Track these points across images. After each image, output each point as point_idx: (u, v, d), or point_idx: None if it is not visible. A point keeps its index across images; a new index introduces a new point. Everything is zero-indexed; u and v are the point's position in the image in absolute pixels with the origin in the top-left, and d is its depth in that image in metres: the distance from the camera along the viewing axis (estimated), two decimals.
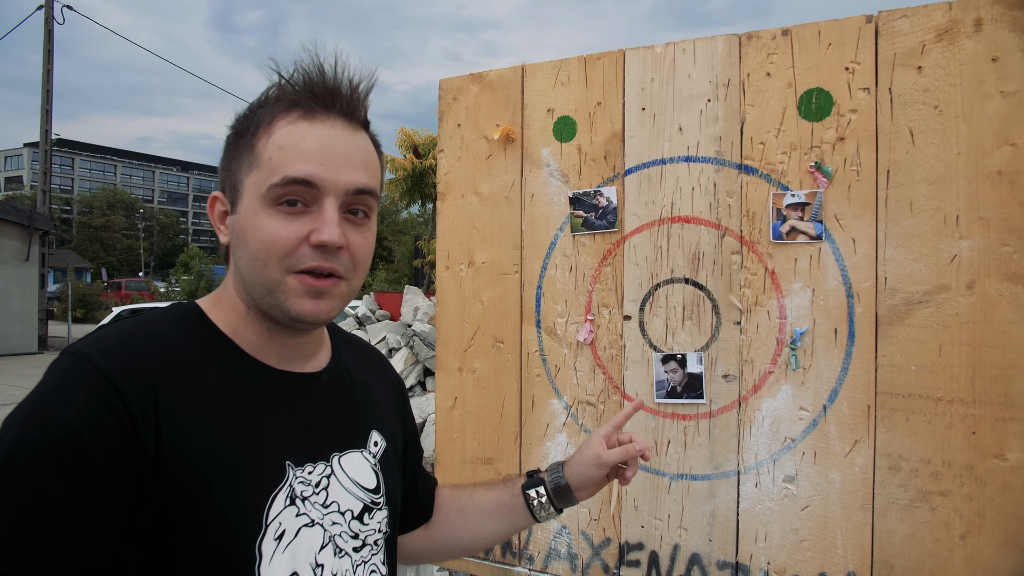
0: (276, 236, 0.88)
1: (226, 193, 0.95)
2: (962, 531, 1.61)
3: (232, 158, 0.94)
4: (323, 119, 0.92)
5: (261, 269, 0.90)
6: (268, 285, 0.90)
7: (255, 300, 0.94)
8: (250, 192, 0.90)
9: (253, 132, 0.92)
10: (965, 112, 1.60)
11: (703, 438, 1.88)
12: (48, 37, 17.57)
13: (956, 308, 1.61)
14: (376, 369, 1.21)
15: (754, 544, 1.82)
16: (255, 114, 0.94)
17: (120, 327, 0.89)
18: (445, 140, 2.28)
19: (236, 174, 0.93)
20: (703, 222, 1.88)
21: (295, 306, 0.90)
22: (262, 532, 0.87)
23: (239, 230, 0.92)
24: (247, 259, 0.91)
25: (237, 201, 0.92)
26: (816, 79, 1.74)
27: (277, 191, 0.88)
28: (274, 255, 0.89)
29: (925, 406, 1.64)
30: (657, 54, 1.93)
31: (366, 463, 1.05)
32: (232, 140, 0.96)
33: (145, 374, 0.83)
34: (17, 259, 16.72)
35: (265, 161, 0.89)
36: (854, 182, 1.71)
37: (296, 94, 0.92)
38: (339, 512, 0.97)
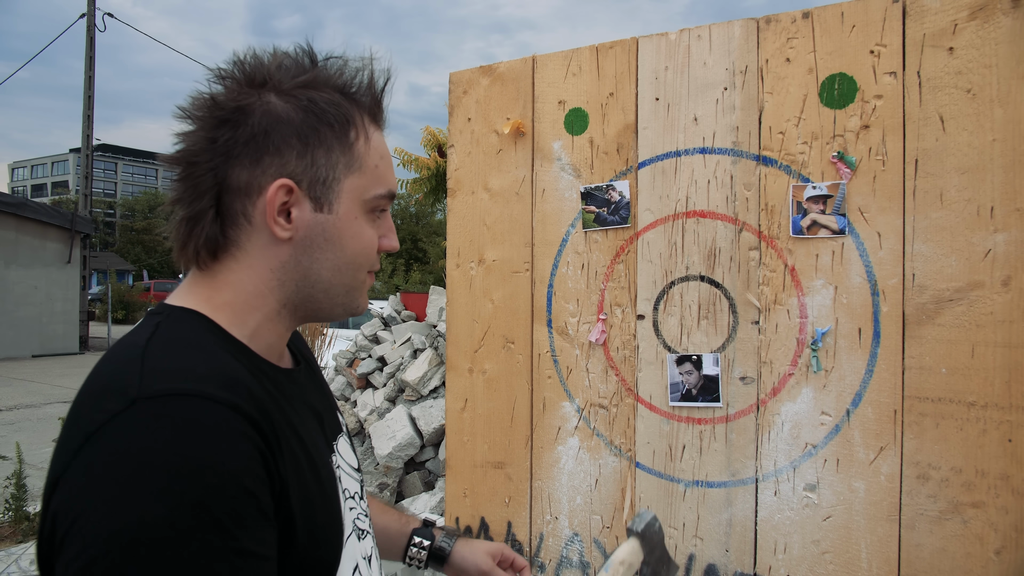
0: (372, 242, 0.93)
1: (303, 186, 0.85)
2: (997, 546, 1.50)
3: (315, 148, 0.85)
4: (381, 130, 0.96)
5: (354, 271, 0.92)
6: (352, 284, 0.93)
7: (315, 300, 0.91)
8: (350, 195, 0.88)
9: (347, 130, 0.87)
10: (1001, 95, 1.49)
11: (719, 443, 1.79)
12: (90, 44, 18.00)
13: (991, 306, 1.50)
14: (307, 349, 1.18)
15: (773, 555, 1.72)
16: (342, 107, 0.88)
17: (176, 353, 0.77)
18: (455, 135, 2.22)
19: (327, 170, 0.86)
20: (719, 216, 1.79)
21: (363, 301, 0.96)
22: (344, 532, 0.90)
23: (334, 232, 0.87)
24: (338, 261, 0.89)
25: (328, 200, 0.86)
26: (839, 64, 1.65)
27: (380, 202, 0.91)
28: (368, 258, 0.93)
29: (956, 411, 1.53)
30: (671, 41, 1.85)
31: (348, 444, 1.07)
32: (312, 124, 0.85)
33: (256, 398, 0.77)
34: (59, 261, 17.14)
35: (371, 168, 0.90)
36: (879, 172, 1.61)
37: (369, 98, 0.93)
38: (351, 497, 0.99)
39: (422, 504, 4.92)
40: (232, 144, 0.83)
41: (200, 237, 0.85)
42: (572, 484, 2.01)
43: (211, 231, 0.85)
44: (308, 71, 0.88)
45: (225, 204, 0.85)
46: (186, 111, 0.86)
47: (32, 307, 16.61)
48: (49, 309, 17.11)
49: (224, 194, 0.85)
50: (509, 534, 2.12)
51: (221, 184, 0.84)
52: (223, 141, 0.83)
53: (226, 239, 0.86)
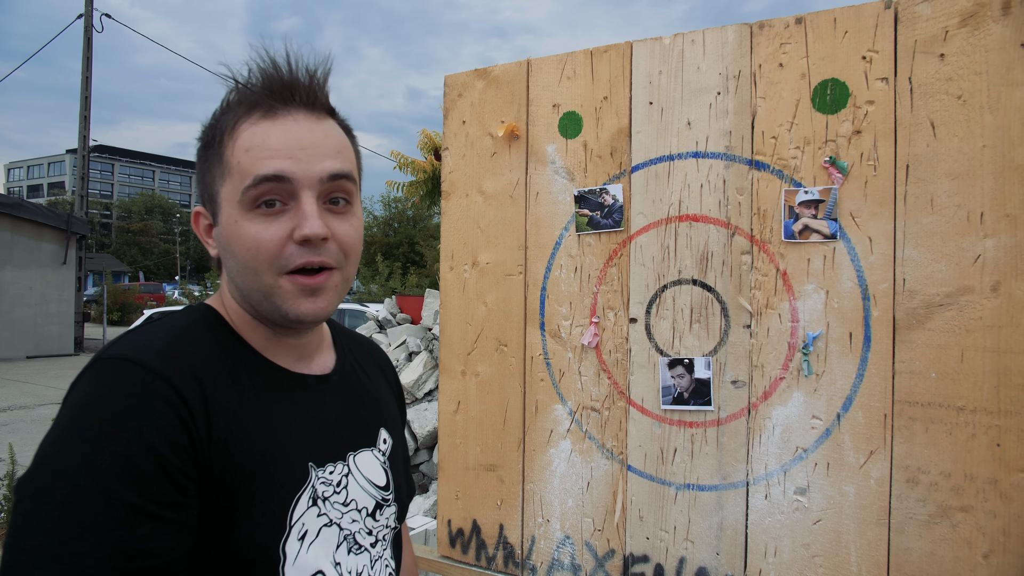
0: (260, 239, 0.87)
1: (206, 206, 0.94)
2: (985, 550, 1.50)
3: (205, 170, 0.93)
4: (284, 114, 0.90)
5: (253, 276, 0.89)
6: (263, 291, 0.90)
7: (253, 306, 0.94)
8: (227, 201, 0.90)
9: (220, 141, 0.92)
10: (991, 102, 1.50)
11: (711, 447, 1.80)
12: (87, 45, 17.99)
13: (980, 311, 1.51)
14: (377, 365, 1.23)
15: (763, 559, 1.72)
16: (219, 122, 0.93)
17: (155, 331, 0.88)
18: (450, 138, 2.23)
19: (211, 186, 0.92)
20: (712, 221, 1.80)
21: (293, 308, 0.90)
22: (286, 533, 0.89)
23: (224, 241, 0.91)
24: (237, 268, 0.91)
25: (217, 212, 0.92)
26: (831, 69, 1.66)
27: (251, 193, 0.87)
28: (263, 259, 0.88)
29: (946, 415, 1.54)
30: (665, 45, 1.86)
31: (377, 461, 1.07)
32: (202, 152, 0.95)
33: (195, 377, 0.83)
34: (55, 263, 17.12)
35: (235, 167, 0.89)
36: (871, 177, 1.62)
37: (254, 95, 0.91)
38: (356, 510, 0.99)
39: (415, 507, 4.91)
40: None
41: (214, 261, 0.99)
42: (564, 487, 2.01)
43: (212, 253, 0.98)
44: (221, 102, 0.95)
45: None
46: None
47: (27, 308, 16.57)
48: (44, 310, 17.07)
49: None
50: (501, 536, 2.12)
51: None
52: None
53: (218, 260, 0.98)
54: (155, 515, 0.74)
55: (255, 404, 0.90)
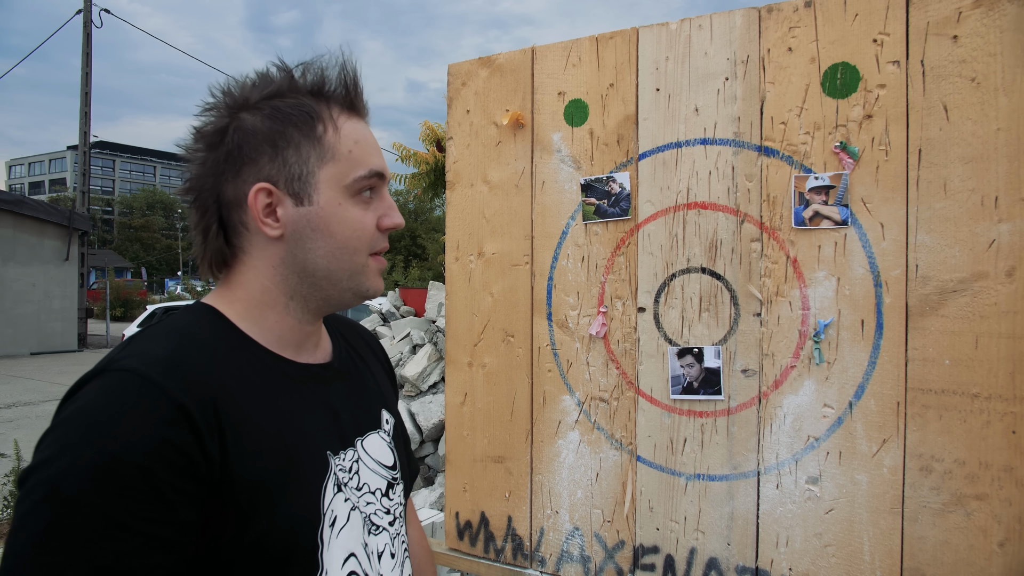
0: (364, 223, 0.95)
1: (280, 186, 0.94)
2: (1001, 538, 1.49)
3: (283, 148, 0.94)
4: (359, 117, 1.00)
5: (351, 256, 0.95)
6: (353, 269, 0.96)
7: (322, 289, 0.97)
8: (329, 184, 0.94)
9: (312, 127, 0.95)
10: (1006, 84, 1.47)
11: (721, 436, 1.78)
12: (87, 41, 17.94)
13: (995, 297, 1.49)
14: (369, 349, 1.26)
15: (775, 549, 1.71)
16: (304, 105, 0.95)
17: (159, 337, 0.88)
18: (454, 127, 2.21)
19: (299, 165, 0.94)
20: (721, 208, 1.78)
21: (373, 284, 0.98)
22: (321, 522, 0.92)
23: (319, 221, 0.94)
24: (331, 248, 0.94)
25: (308, 193, 0.94)
26: (841, 53, 1.63)
27: (363, 183, 0.95)
28: (364, 241, 0.95)
29: (960, 403, 1.52)
30: (672, 31, 1.83)
31: (383, 442, 1.11)
32: (277, 128, 0.94)
33: (204, 386, 0.83)
34: (57, 259, 17.13)
35: (344, 154, 0.94)
36: (883, 162, 1.60)
37: (339, 90, 0.98)
38: (370, 492, 1.03)
39: (422, 499, 4.91)
40: (216, 164, 0.95)
41: (210, 251, 0.97)
42: (573, 478, 2.00)
43: (216, 244, 0.96)
44: (275, 82, 0.97)
45: (225, 218, 0.96)
46: (184, 147, 0.99)
47: (30, 305, 16.59)
48: (47, 307, 17.09)
49: (223, 209, 0.96)
50: (509, 528, 2.11)
51: (219, 202, 0.96)
52: (211, 163, 0.95)
53: (232, 247, 0.97)
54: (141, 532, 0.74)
55: (268, 401, 0.92)
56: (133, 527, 0.73)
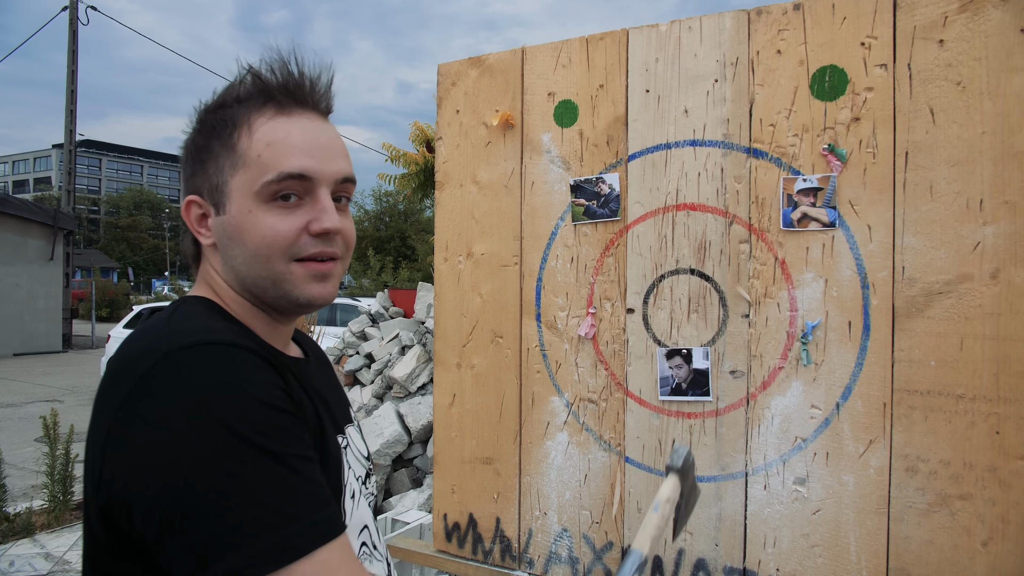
0: (277, 230, 0.91)
1: (204, 196, 0.96)
2: (984, 538, 1.50)
3: (206, 160, 0.95)
4: (299, 113, 0.95)
5: (264, 264, 0.93)
6: (272, 277, 0.93)
7: (256, 294, 0.97)
8: (239, 192, 0.93)
9: (230, 132, 0.94)
10: (990, 88, 1.49)
11: (709, 437, 1.79)
12: (72, 38, 17.79)
13: (979, 299, 1.50)
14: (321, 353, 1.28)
15: (762, 549, 1.72)
16: (226, 113, 0.95)
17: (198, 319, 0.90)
18: (444, 127, 2.21)
19: (216, 176, 0.94)
20: (710, 209, 1.79)
21: (304, 291, 0.94)
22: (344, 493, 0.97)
23: (232, 230, 0.94)
24: (245, 256, 0.93)
25: (223, 202, 0.94)
26: (830, 56, 1.64)
27: (273, 187, 0.91)
28: (277, 248, 0.92)
29: (945, 404, 1.53)
30: (662, 32, 1.84)
31: (359, 433, 1.15)
32: (201, 142, 0.96)
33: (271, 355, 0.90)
34: (42, 258, 16.95)
35: (253, 159, 0.91)
36: (870, 165, 1.61)
37: (268, 90, 0.94)
38: (355, 478, 1.05)
39: (410, 501, 4.90)
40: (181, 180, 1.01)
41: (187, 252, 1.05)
42: (561, 479, 2.00)
43: (186, 246, 1.04)
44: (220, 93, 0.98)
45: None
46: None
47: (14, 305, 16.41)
48: (31, 307, 16.91)
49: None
50: (497, 530, 2.10)
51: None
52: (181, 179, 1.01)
53: (196, 250, 1.02)
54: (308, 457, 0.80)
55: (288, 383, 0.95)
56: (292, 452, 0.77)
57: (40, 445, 6.53)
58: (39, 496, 5.62)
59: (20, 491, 6.15)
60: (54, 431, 5.26)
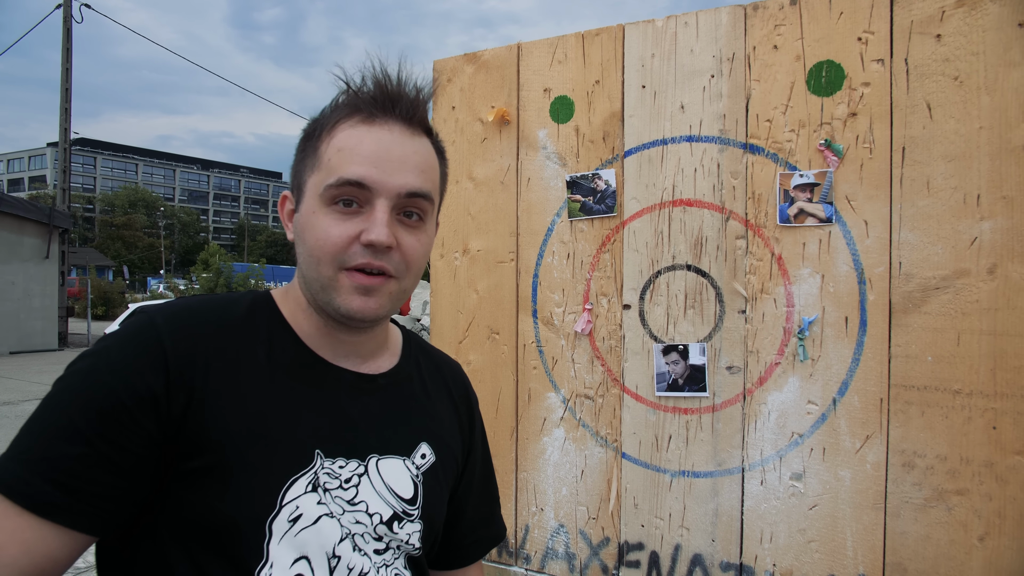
0: (329, 234, 0.92)
1: (294, 192, 0.99)
2: (981, 532, 1.50)
3: (300, 159, 0.99)
4: (382, 123, 0.95)
5: (316, 265, 0.94)
6: (322, 281, 0.94)
7: (312, 295, 0.98)
8: (311, 192, 0.95)
9: (318, 135, 0.97)
10: (988, 83, 1.49)
11: (706, 433, 1.78)
12: (67, 36, 17.71)
13: (976, 294, 1.50)
14: (445, 387, 1.20)
15: (759, 545, 1.72)
16: (322, 118, 0.98)
17: (194, 297, 0.99)
18: (439, 124, 2.20)
19: (301, 175, 0.98)
20: (706, 205, 1.78)
21: (345, 302, 0.94)
22: (275, 511, 0.90)
23: (299, 228, 0.96)
24: (305, 255, 0.95)
25: (300, 200, 0.97)
26: (827, 51, 1.64)
27: (332, 191, 0.92)
28: (327, 252, 0.92)
29: (942, 399, 1.53)
30: (658, 28, 1.83)
31: (407, 472, 1.05)
32: (302, 143, 1.00)
33: (194, 339, 0.90)
34: (37, 257, 16.89)
35: (325, 163, 0.94)
36: (867, 160, 1.60)
37: (359, 99, 0.96)
38: (366, 513, 0.98)
39: None
40: None
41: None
42: (558, 475, 1.99)
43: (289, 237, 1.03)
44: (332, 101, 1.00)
45: None
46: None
47: (9, 303, 16.35)
48: (27, 305, 16.85)
49: None
50: None
51: None
52: None
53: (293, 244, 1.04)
54: (90, 441, 0.83)
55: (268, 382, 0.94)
56: (86, 435, 0.82)
57: None
58: None
59: None
60: None
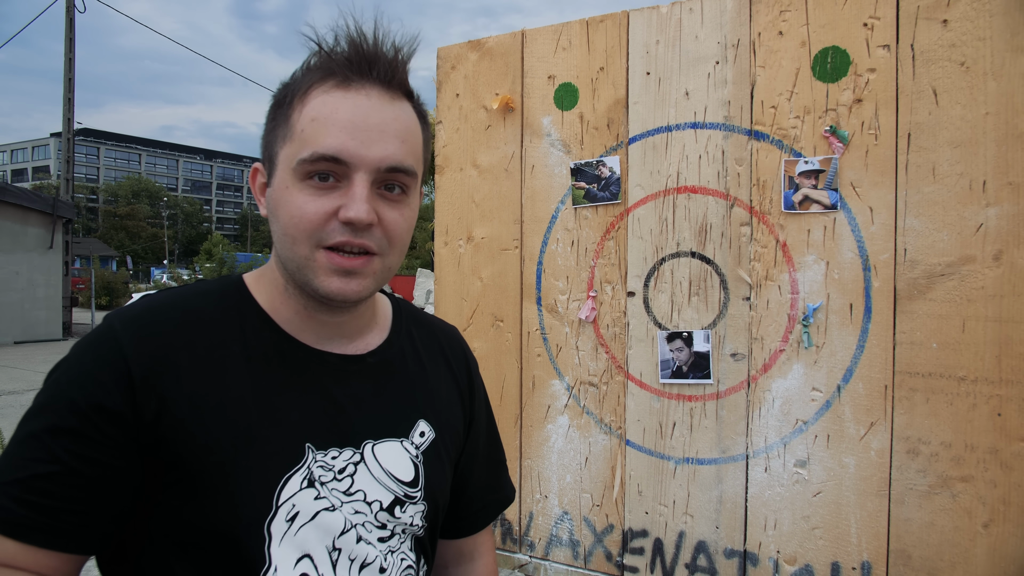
0: (304, 211, 0.85)
1: (265, 165, 0.91)
2: (985, 519, 1.50)
3: (270, 128, 0.90)
4: (358, 87, 0.87)
5: (291, 244, 0.87)
6: (298, 261, 0.87)
7: (290, 274, 0.91)
8: (283, 165, 0.87)
9: (289, 102, 0.88)
10: (995, 68, 1.48)
11: (710, 420, 1.79)
12: (69, 26, 17.68)
13: (982, 281, 1.50)
14: (442, 355, 1.12)
15: (763, 532, 1.72)
16: (293, 83, 0.90)
17: (157, 295, 0.91)
18: (443, 111, 2.19)
19: (272, 145, 0.89)
20: (711, 192, 1.78)
21: (323, 284, 0.87)
22: (272, 513, 0.85)
23: (272, 204, 0.89)
24: (279, 233, 0.89)
25: (272, 173, 0.89)
26: (832, 37, 1.63)
27: (307, 167, 0.84)
28: (303, 230, 0.85)
29: (947, 386, 1.53)
30: (663, 14, 1.82)
31: (405, 454, 0.99)
32: (272, 110, 0.91)
33: (157, 343, 0.84)
34: (41, 247, 16.92)
35: (298, 134, 0.86)
36: (872, 147, 1.60)
37: (332, 61, 0.87)
38: (364, 502, 0.93)
39: None
40: None
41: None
42: (562, 463, 2.00)
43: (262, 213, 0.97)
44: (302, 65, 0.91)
45: None
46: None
47: (14, 293, 16.40)
48: (31, 295, 16.90)
49: None
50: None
51: None
52: None
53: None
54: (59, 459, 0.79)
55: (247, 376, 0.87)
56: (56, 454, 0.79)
57: None
58: None
59: None
60: None
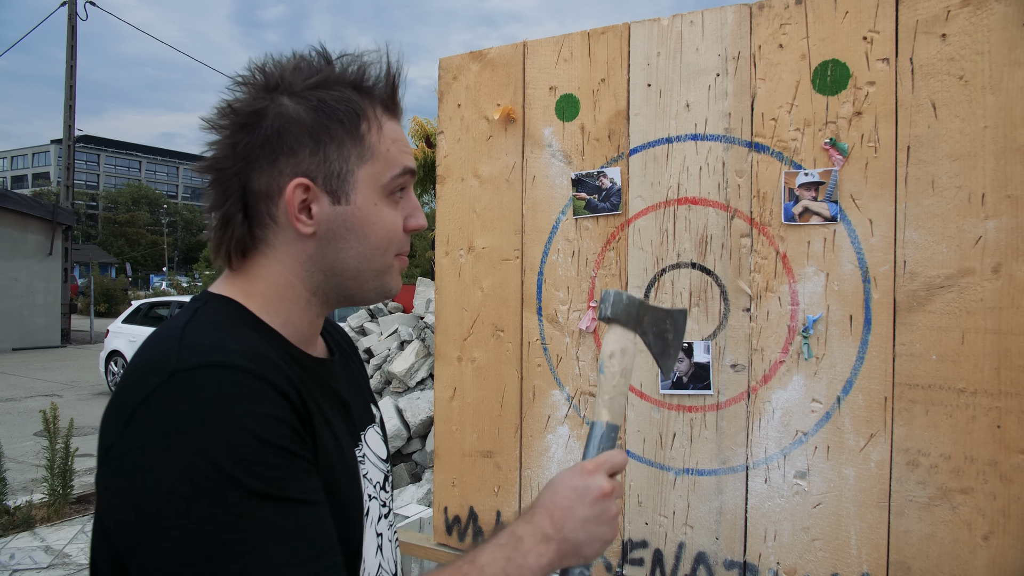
0: (396, 224, 0.95)
1: (319, 182, 0.90)
2: (985, 531, 1.50)
3: (326, 144, 0.90)
4: (395, 116, 0.99)
5: (381, 256, 0.95)
6: (380, 269, 0.96)
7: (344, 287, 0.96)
8: (366, 183, 0.92)
9: (356, 124, 0.92)
10: (993, 82, 1.49)
11: (710, 431, 1.79)
12: (71, 33, 17.76)
13: (981, 293, 1.50)
14: (346, 342, 1.24)
15: (763, 543, 1.72)
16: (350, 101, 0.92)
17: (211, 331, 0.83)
18: (445, 121, 2.20)
19: (340, 163, 0.91)
20: (711, 203, 1.79)
21: (396, 283, 1.00)
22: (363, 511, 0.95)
23: (355, 221, 0.92)
24: (363, 248, 0.93)
25: (345, 192, 0.91)
26: (832, 50, 1.64)
27: (398, 181, 0.94)
28: (394, 241, 0.95)
29: (946, 398, 1.53)
30: (663, 27, 1.84)
31: (377, 436, 1.11)
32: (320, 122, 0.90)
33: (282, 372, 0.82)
34: (40, 254, 16.95)
35: (382, 154, 0.93)
36: (871, 159, 1.61)
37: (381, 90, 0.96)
38: (372, 484, 1.03)
39: (409, 495, 4.91)
40: (250, 148, 0.89)
41: (231, 239, 0.91)
42: None
43: (240, 233, 0.91)
44: (321, 71, 0.93)
45: (251, 206, 0.91)
46: (209, 121, 0.92)
47: (13, 299, 16.41)
48: (30, 302, 16.92)
49: (249, 197, 0.91)
50: (498, 523, 2.11)
51: (245, 187, 0.91)
52: (242, 146, 0.89)
53: (255, 239, 0.92)
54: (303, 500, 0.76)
55: (312, 396, 0.88)
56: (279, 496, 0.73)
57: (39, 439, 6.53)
58: (39, 490, 5.62)
59: (20, 485, 6.15)
60: (53, 425, 5.26)
